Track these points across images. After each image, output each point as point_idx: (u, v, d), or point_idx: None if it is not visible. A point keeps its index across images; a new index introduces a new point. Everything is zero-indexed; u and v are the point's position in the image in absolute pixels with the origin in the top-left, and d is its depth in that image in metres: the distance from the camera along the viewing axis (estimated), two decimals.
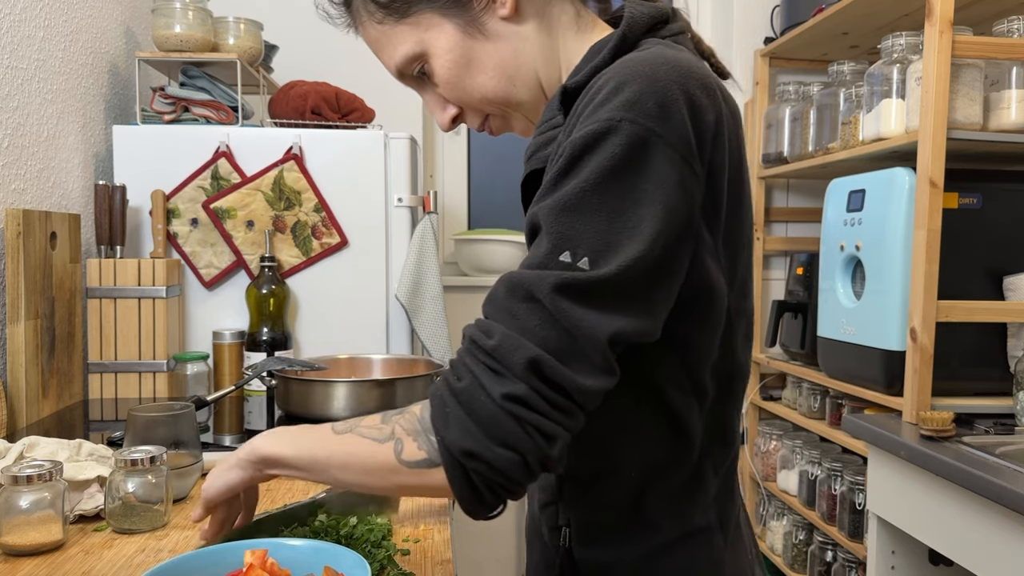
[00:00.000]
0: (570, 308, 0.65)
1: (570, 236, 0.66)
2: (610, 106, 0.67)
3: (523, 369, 0.64)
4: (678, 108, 0.68)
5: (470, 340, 0.68)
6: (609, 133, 0.66)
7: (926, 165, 1.63)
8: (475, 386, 0.65)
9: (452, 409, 0.66)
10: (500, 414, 0.64)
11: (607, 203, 0.66)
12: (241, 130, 1.87)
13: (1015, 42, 1.64)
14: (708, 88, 0.71)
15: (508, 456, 0.64)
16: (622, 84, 0.68)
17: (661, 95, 0.67)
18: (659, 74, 0.68)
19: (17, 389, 1.44)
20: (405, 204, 1.90)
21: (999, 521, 1.32)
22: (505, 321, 0.66)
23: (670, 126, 0.67)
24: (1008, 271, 1.72)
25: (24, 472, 0.89)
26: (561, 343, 0.65)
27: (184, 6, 1.86)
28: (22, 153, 1.57)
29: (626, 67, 0.70)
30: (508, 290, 0.67)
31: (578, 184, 0.67)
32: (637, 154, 0.66)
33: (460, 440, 0.65)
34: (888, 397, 1.78)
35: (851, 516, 1.97)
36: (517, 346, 0.64)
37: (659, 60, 0.70)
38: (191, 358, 1.71)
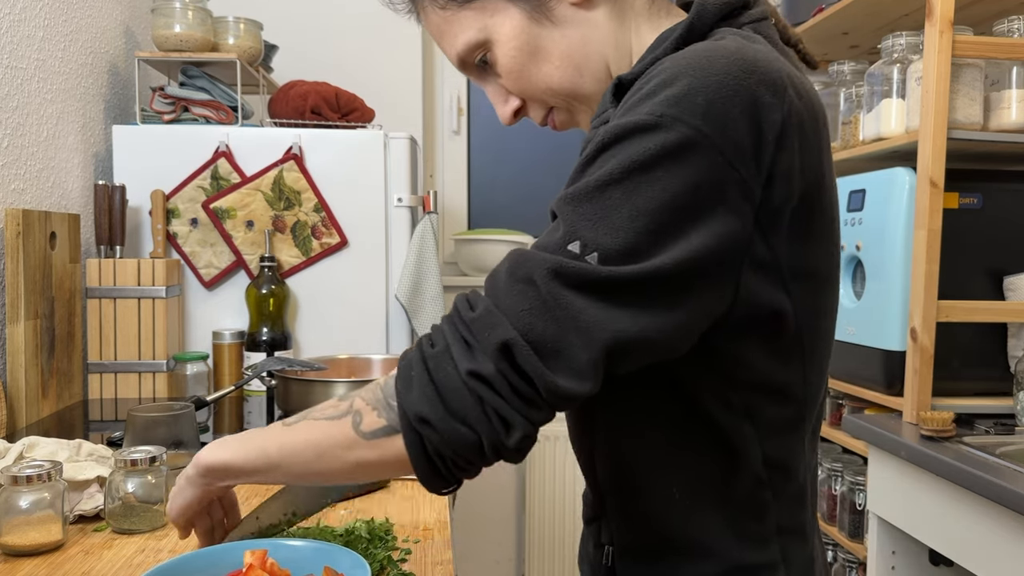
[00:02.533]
0: (570, 298, 0.60)
1: (583, 227, 0.61)
2: (657, 100, 0.62)
3: (495, 349, 0.60)
4: (735, 108, 0.61)
5: (454, 308, 0.64)
6: (650, 128, 0.61)
7: (926, 165, 1.63)
8: (445, 355, 0.62)
9: (417, 373, 0.63)
10: (463, 389, 0.61)
11: (631, 200, 0.61)
12: (241, 130, 1.87)
13: (1015, 42, 1.64)
14: (776, 84, 0.63)
15: (463, 432, 0.61)
16: (675, 77, 0.62)
17: (717, 92, 0.61)
18: (716, 67, 0.62)
19: (17, 389, 1.43)
20: (405, 204, 1.90)
21: (1000, 521, 1.32)
22: (494, 297, 0.62)
23: (722, 128, 0.61)
24: (1008, 271, 1.72)
25: (24, 472, 0.89)
26: (545, 333, 0.60)
27: (184, 6, 1.85)
28: (22, 153, 1.57)
29: (683, 58, 0.64)
30: (509, 268, 0.63)
31: (603, 174, 0.62)
32: (677, 154, 0.60)
33: (418, 405, 0.62)
34: (888, 397, 1.78)
35: (851, 516, 1.97)
36: (495, 324, 0.61)
37: (720, 52, 0.64)
38: (191, 358, 1.71)
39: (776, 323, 0.68)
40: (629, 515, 0.75)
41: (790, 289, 0.67)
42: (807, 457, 0.76)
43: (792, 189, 0.65)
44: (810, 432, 0.76)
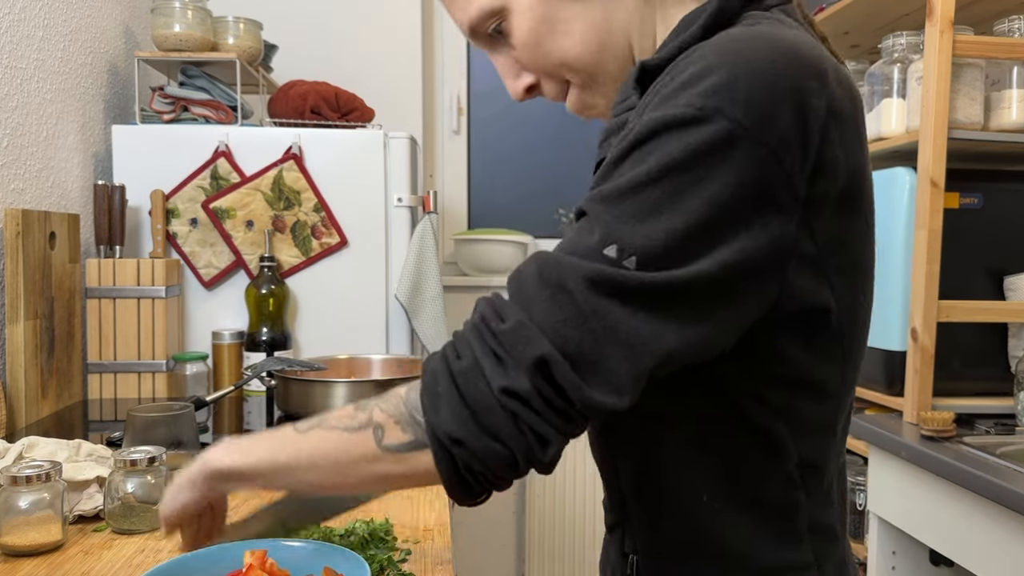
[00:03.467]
0: (609, 308, 0.57)
1: (620, 230, 0.58)
2: (695, 91, 0.58)
3: (530, 365, 0.57)
4: (778, 98, 0.57)
5: (480, 317, 0.61)
6: (689, 122, 0.57)
7: (927, 165, 1.63)
8: (475, 370, 0.59)
9: (445, 389, 0.60)
10: (495, 406, 0.58)
11: (672, 200, 0.57)
12: (240, 130, 1.87)
13: (1016, 42, 1.64)
14: (819, 73, 0.60)
15: (497, 449, 0.59)
16: (712, 66, 0.58)
17: (759, 81, 0.57)
18: (757, 54, 0.58)
19: (16, 389, 1.43)
20: (405, 204, 1.89)
21: (1000, 521, 1.31)
22: (525, 306, 0.59)
23: (765, 120, 0.57)
24: (1009, 271, 1.72)
25: (23, 472, 0.89)
26: (583, 347, 0.57)
27: (183, 5, 1.85)
28: (21, 153, 1.57)
29: (719, 46, 0.60)
30: (538, 272, 0.59)
31: (641, 172, 0.58)
32: (719, 150, 0.57)
33: (449, 425, 0.59)
34: (889, 397, 1.78)
35: (852, 516, 1.97)
36: (530, 339, 0.57)
37: (761, 38, 0.60)
38: (190, 358, 1.71)
39: (819, 319, 0.65)
40: (654, 520, 0.72)
41: (833, 283, 0.64)
42: (838, 455, 0.74)
43: (837, 181, 0.62)
44: (841, 430, 0.74)
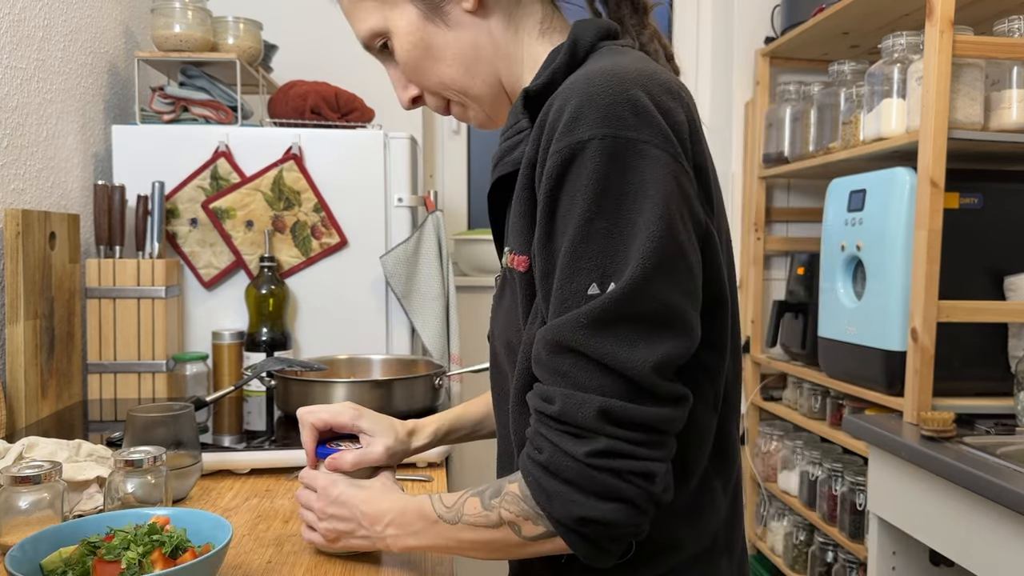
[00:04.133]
0: (607, 346, 0.64)
1: (583, 268, 0.65)
2: (577, 130, 0.65)
3: (596, 421, 0.64)
4: (650, 111, 0.66)
5: (535, 411, 0.69)
6: (582, 154, 0.65)
7: (927, 165, 1.63)
8: (558, 453, 0.66)
9: (546, 483, 0.67)
10: (592, 472, 0.65)
11: (608, 223, 0.65)
12: (240, 130, 1.86)
13: (1016, 42, 1.64)
14: (671, 90, 0.70)
15: (616, 507, 0.65)
16: (583, 104, 0.66)
17: (629, 102, 0.66)
18: (622, 81, 0.67)
19: (16, 389, 1.43)
20: (405, 204, 1.89)
21: (1000, 521, 1.31)
22: (558, 382, 0.67)
23: (648, 128, 0.65)
24: (1009, 271, 1.72)
25: (23, 472, 0.89)
26: (618, 384, 0.65)
27: (183, 6, 1.85)
28: (21, 153, 1.57)
29: (582, 83, 0.68)
30: (547, 348, 0.67)
31: (577, 217, 0.65)
32: (620, 164, 0.65)
33: (567, 510, 0.66)
34: (889, 397, 1.78)
35: (852, 517, 1.97)
36: (581, 403, 0.65)
37: (615, 69, 0.68)
38: (190, 358, 1.71)
39: (724, 297, 0.73)
40: None
41: (719, 265, 0.72)
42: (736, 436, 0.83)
43: (710, 176, 0.72)
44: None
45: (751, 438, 2.58)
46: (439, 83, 0.82)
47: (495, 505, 0.71)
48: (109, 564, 0.74)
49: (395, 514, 0.80)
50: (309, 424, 0.95)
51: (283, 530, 0.99)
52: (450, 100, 0.85)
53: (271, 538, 0.97)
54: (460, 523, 0.73)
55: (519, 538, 0.70)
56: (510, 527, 0.70)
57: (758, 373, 2.57)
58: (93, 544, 0.77)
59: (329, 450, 0.94)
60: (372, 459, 0.93)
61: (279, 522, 1.02)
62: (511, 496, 0.70)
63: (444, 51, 0.80)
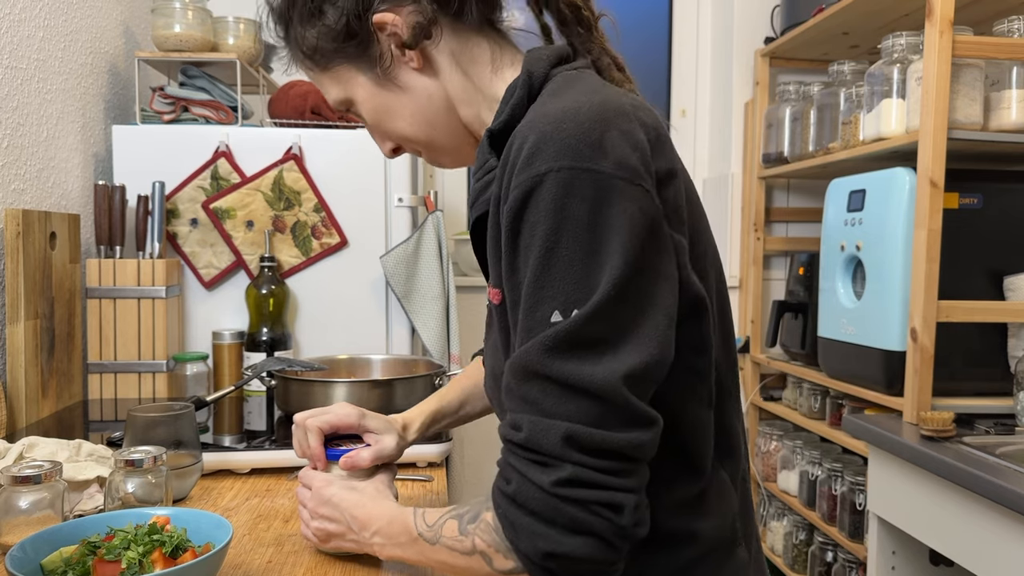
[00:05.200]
0: (571, 365, 0.64)
1: (546, 297, 0.65)
2: (534, 164, 0.66)
3: (561, 448, 0.63)
4: (605, 141, 0.66)
5: (505, 440, 0.68)
6: (540, 186, 0.65)
7: (926, 165, 1.63)
8: (524, 483, 0.65)
9: (512, 515, 0.66)
10: (557, 503, 0.63)
11: (569, 251, 0.65)
12: (241, 130, 1.86)
13: (1015, 42, 1.64)
14: (625, 113, 0.70)
15: (583, 541, 0.64)
16: (539, 140, 0.67)
17: (584, 134, 0.66)
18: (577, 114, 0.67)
19: (17, 389, 1.43)
20: (405, 204, 1.89)
21: (999, 521, 1.31)
22: (526, 409, 0.66)
23: (604, 158, 0.66)
24: (1008, 271, 1.72)
25: (24, 472, 0.89)
26: (584, 407, 0.64)
27: (184, 6, 1.85)
28: (21, 153, 1.57)
29: (539, 119, 0.69)
30: (514, 376, 0.67)
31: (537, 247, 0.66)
32: (578, 194, 0.65)
33: (533, 545, 0.65)
34: (888, 397, 1.78)
35: (851, 516, 1.97)
36: (547, 429, 0.64)
37: (570, 104, 0.69)
38: (191, 358, 1.71)
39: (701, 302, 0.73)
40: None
41: (698, 270, 0.73)
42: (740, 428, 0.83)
43: (680, 184, 0.72)
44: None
45: (751, 438, 2.58)
46: (404, 139, 0.87)
47: (470, 531, 0.71)
48: (109, 564, 0.75)
49: (383, 523, 0.82)
50: (316, 429, 0.96)
51: (283, 530, 0.99)
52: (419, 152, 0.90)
53: (271, 538, 0.97)
54: (438, 544, 0.74)
55: (490, 569, 0.69)
56: (482, 556, 0.70)
57: (758, 373, 2.57)
58: (93, 544, 0.77)
59: (337, 451, 0.94)
60: (387, 455, 0.96)
61: (279, 522, 1.02)
62: (485, 525, 0.70)
63: (402, 111, 0.84)
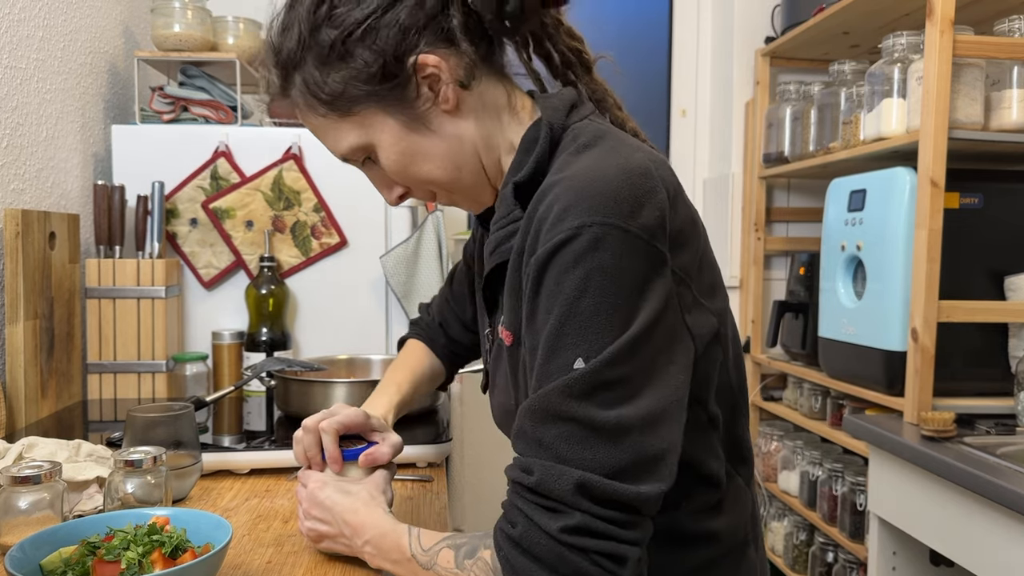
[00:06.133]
0: (591, 410, 0.65)
1: (568, 345, 0.67)
2: (567, 220, 0.69)
3: (572, 495, 0.64)
4: (632, 200, 0.69)
5: (513, 482, 0.69)
6: (572, 240, 0.68)
7: (927, 165, 1.63)
8: (531, 527, 0.66)
9: (515, 559, 0.67)
10: (563, 550, 0.65)
11: (594, 302, 0.67)
12: (240, 130, 1.86)
13: (1016, 41, 1.64)
14: (647, 172, 0.72)
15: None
16: (574, 197, 0.69)
17: (612, 193, 0.69)
18: (606, 175, 0.70)
19: (16, 389, 1.43)
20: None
21: (1000, 522, 1.31)
22: (539, 453, 0.67)
23: (628, 217, 0.68)
24: (1009, 271, 1.72)
25: (23, 473, 0.89)
26: (600, 456, 0.65)
27: (183, 5, 1.85)
28: (21, 153, 1.57)
29: (570, 179, 0.72)
30: (530, 418, 0.68)
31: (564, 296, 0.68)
32: (607, 249, 0.67)
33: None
34: (889, 397, 1.78)
35: (852, 517, 1.97)
36: (559, 475, 0.65)
37: (599, 165, 0.72)
38: (190, 358, 1.71)
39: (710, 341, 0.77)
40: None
41: (709, 307, 0.77)
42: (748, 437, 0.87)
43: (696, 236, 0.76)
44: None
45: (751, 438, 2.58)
46: (429, 182, 0.84)
47: (467, 567, 0.72)
48: (109, 564, 0.75)
49: (374, 534, 0.82)
50: (333, 431, 0.93)
51: (283, 530, 0.99)
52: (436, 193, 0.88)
53: (271, 538, 0.97)
54: (432, 570, 0.75)
55: None
56: None
57: (758, 373, 2.57)
58: (93, 544, 0.77)
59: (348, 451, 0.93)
60: (399, 449, 0.96)
61: (279, 522, 1.02)
62: (483, 564, 0.71)
63: (432, 154, 0.82)
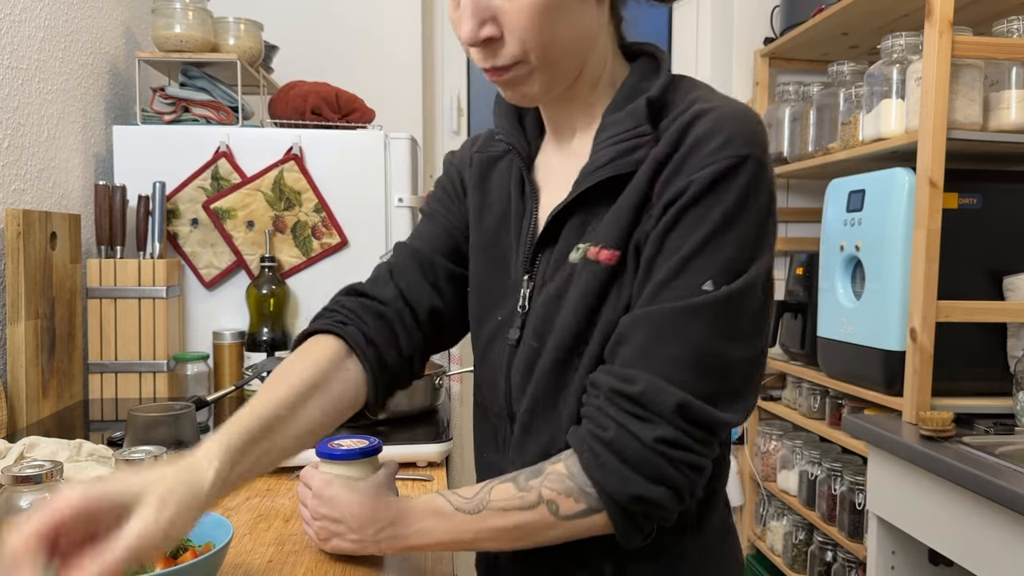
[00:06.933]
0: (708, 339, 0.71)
1: (703, 266, 0.71)
2: (731, 146, 0.73)
3: (672, 413, 0.69)
4: (767, 144, 0.76)
5: (610, 390, 0.72)
6: (738, 167, 0.72)
7: (926, 165, 1.63)
8: (624, 434, 0.70)
9: (606, 459, 0.71)
10: (653, 456, 0.70)
11: (741, 233, 0.72)
12: (241, 130, 1.87)
13: (1015, 42, 1.64)
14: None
15: (665, 492, 0.70)
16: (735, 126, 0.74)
17: (764, 134, 0.76)
18: (755, 116, 0.77)
19: (17, 389, 1.44)
20: (405, 204, 1.90)
21: (999, 521, 1.32)
22: (644, 365, 0.71)
23: (768, 156, 0.76)
24: (1008, 271, 1.72)
25: (24, 472, 0.89)
26: (703, 381, 0.70)
27: (184, 6, 1.85)
28: (22, 153, 1.57)
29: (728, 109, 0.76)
30: (644, 330, 0.72)
31: (714, 221, 0.72)
32: (760, 185, 0.73)
33: (622, 487, 0.70)
34: (888, 397, 1.78)
35: (851, 516, 1.97)
36: (662, 391, 0.70)
37: (744, 106, 0.78)
38: (191, 358, 1.71)
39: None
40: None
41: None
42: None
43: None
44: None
45: (750, 438, 2.58)
46: (548, 42, 0.74)
47: (534, 485, 0.74)
48: None
49: (396, 516, 0.80)
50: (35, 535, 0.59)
51: (283, 530, 1.00)
52: (524, 61, 0.75)
53: (271, 538, 0.97)
54: (486, 511, 0.75)
55: (554, 517, 0.73)
56: (547, 506, 0.73)
57: None
58: None
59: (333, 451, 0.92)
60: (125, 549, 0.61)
61: (279, 522, 1.02)
62: (556, 475, 0.73)
63: (577, 18, 0.75)
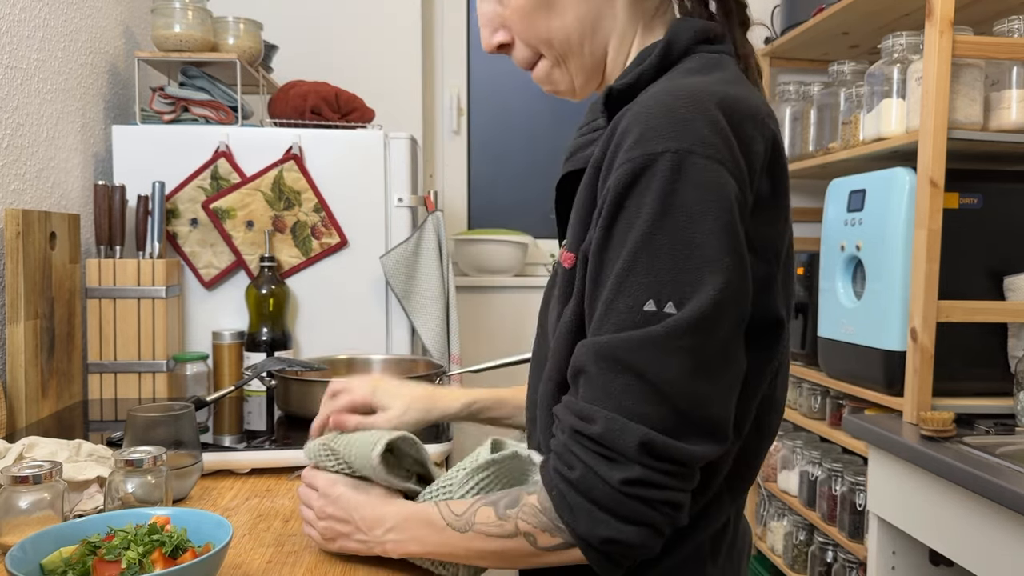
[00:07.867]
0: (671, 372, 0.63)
1: (640, 284, 0.64)
2: (651, 140, 0.64)
3: (636, 452, 0.64)
4: (726, 134, 0.64)
5: (570, 428, 0.68)
6: (653, 165, 0.63)
7: (926, 165, 1.63)
8: (590, 475, 0.66)
9: (573, 499, 0.67)
10: (623, 499, 0.65)
11: (673, 239, 0.63)
12: (241, 130, 1.87)
13: (1015, 42, 1.64)
14: (756, 118, 0.68)
15: (639, 531, 0.66)
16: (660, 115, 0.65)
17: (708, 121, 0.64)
18: (704, 100, 0.65)
19: (16, 389, 1.43)
20: (405, 204, 1.89)
21: (999, 521, 1.31)
22: (603, 402, 0.65)
23: (722, 151, 0.64)
24: (1009, 271, 1.72)
25: (24, 472, 0.89)
26: (665, 414, 0.64)
27: (184, 6, 1.85)
28: (21, 153, 1.57)
29: (663, 95, 0.66)
30: (599, 362, 0.66)
31: (639, 229, 0.64)
32: (690, 182, 0.63)
33: (593, 529, 0.66)
34: (888, 397, 1.78)
35: (851, 516, 1.97)
36: (623, 429, 0.64)
37: (699, 86, 0.67)
38: (191, 358, 1.71)
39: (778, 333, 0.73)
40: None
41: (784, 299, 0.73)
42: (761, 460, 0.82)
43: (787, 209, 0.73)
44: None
45: None
46: (546, 40, 0.76)
47: (511, 515, 0.72)
48: (109, 564, 0.75)
49: (397, 520, 0.81)
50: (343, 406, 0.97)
51: (283, 530, 0.99)
52: (542, 57, 0.79)
53: (271, 538, 0.97)
54: (471, 532, 0.74)
55: (533, 548, 0.71)
56: (525, 537, 0.71)
57: None
58: (93, 544, 0.77)
59: None
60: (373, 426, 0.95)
61: (279, 522, 1.02)
62: (529, 508, 0.71)
63: (567, 9, 0.75)
